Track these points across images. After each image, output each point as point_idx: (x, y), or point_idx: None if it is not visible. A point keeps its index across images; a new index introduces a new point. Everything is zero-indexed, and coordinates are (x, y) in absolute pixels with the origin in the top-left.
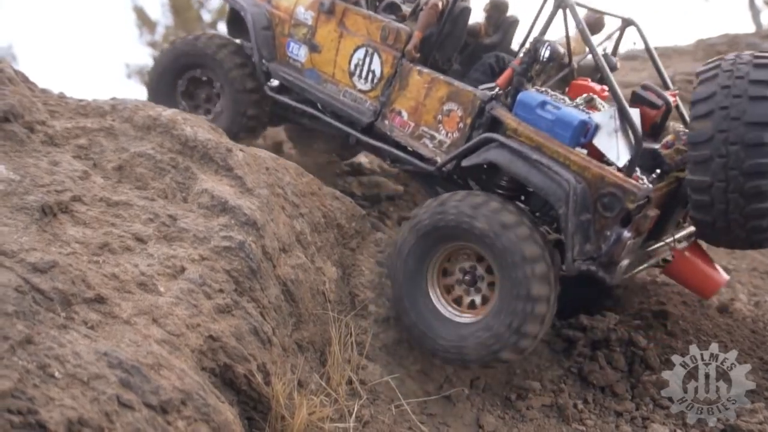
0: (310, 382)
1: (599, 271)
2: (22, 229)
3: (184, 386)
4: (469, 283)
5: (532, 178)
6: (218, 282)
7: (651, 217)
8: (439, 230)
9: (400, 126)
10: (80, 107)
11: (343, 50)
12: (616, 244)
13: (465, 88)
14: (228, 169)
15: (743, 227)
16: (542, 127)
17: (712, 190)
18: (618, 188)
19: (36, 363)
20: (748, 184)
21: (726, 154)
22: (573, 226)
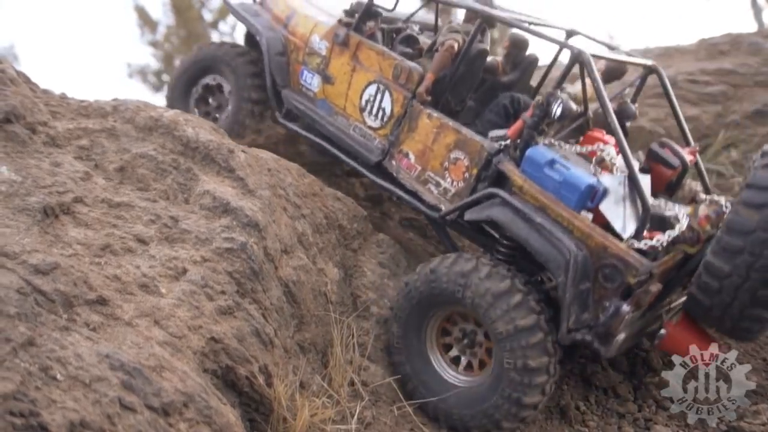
0: (311, 383)
1: (594, 343)
2: (24, 230)
3: (186, 388)
4: (468, 345)
5: (532, 242)
6: (220, 283)
7: (653, 292)
8: (433, 297)
9: (407, 168)
10: (82, 108)
11: (356, 84)
12: (614, 317)
13: (473, 138)
14: (230, 170)
15: (734, 322)
16: (549, 187)
17: (726, 281)
18: (620, 261)
19: (38, 365)
20: (762, 291)
21: (758, 254)
22: (570, 297)
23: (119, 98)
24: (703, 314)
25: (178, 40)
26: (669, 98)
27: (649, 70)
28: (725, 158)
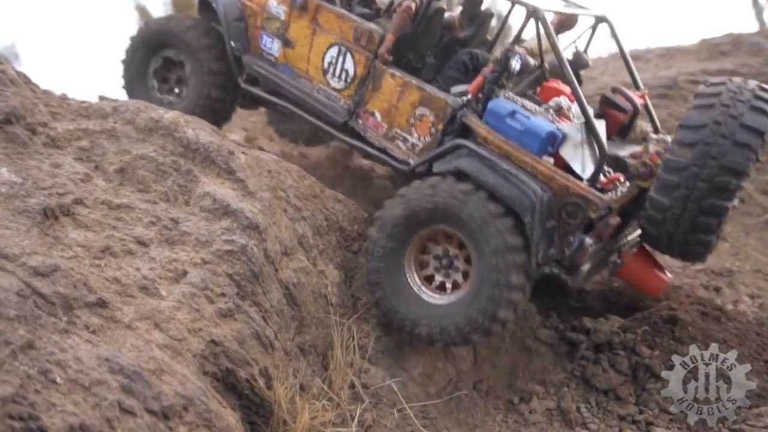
0: (312, 386)
1: (562, 274)
2: (24, 232)
3: (186, 392)
4: (446, 266)
5: (500, 188)
6: (220, 286)
7: (612, 225)
8: (427, 211)
9: (374, 127)
10: (82, 109)
11: (317, 47)
12: (578, 250)
13: (437, 95)
14: (230, 171)
15: (681, 246)
16: (511, 136)
17: (667, 213)
18: (581, 198)
19: (37, 368)
20: (719, 177)
21: (712, 143)
22: (538, 235)
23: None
24: (654, 243)
25: None
26: (620, 47)
27: (599, 20)
28: None
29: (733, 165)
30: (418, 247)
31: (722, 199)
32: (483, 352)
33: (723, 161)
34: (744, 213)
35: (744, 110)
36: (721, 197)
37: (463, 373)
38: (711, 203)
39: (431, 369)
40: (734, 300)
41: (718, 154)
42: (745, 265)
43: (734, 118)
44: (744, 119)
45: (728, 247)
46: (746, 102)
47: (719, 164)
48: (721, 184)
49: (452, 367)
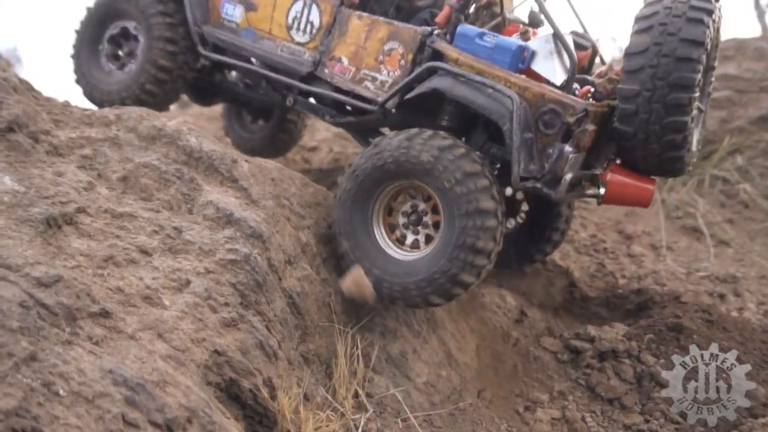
0: (316, 395)
1: (544, 189)
2: (27, 241)
3: (190, 403)
4: (414, 222)
5: (475, 99)
6: (224, 295)
7: (589, 131)
8: (400, 164)
9: (341, 72)
10: (84, 116)
11: (281, 5)
12: (558, 160)
13: (405, 26)
14: (233, 180)
15: (659, 141)
16: (482, 56)
17: (638, 99)
18: (557, 104)
19: (40, 380)
20: (670, 95)
21: (657, 65)
22: (518, 141)
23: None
24: (631, 146)
25: None
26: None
27: None
28: (730, 164)
29: (680, 81)
30: (388, 200)
31: (680, 114)
32: (487, 360)
33: (670, 80)
34: (748, 218)
35: (681, 24)
36: (678, 113)
37: (468, 382)
38: (671, 121)
39: (435, 377)
40: (739, 307)
41: (664, 74)
42: (750, 271)
43: (672, 35)
44: (682, 33)
45: (732, 253)
46: (682, 16)
47: (667, 83)
48: (674, 101)
49: (456, 375)
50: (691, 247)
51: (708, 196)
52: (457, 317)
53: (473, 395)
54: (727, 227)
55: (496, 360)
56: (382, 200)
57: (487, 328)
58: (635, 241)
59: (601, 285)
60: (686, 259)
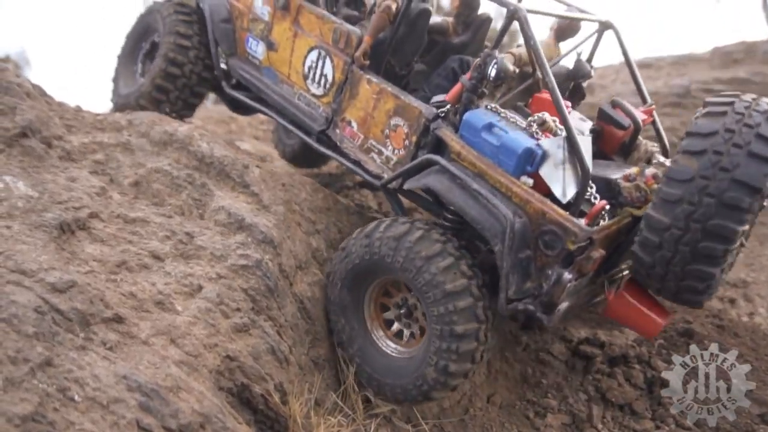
0: (326, 400)
1: (537, 312)
2: (41, 247)
3: (203, 409)
4: (406, 315)
5: (468, 210)
6: (235, 301)
7: (594, 259)
8: (366, 263)
9: (350, 137)
10: (97, 122)
11: (298, 50)
12: (556, 285)
13: (411, 104)
14: (244, 185)
15: (678, 282)
16: (487, 153)
17: (665, 234)
18: (559, 227)
19: (56, 386)
20: (703, 243)
21: (697, 203)
22: (508, 265)
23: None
24: (647, 275)
25: None
26: (626, 57)
27: (604, 26)
28: None
29: (720, 231)
30: (376, 298)
31: (708, 265)
32: (497, 366)
33: (708, 225)
34: (759, 223)
35: (741, 159)
36: (707, 264)
37: (478, 387)
38: (696, 269)
39: None
40: (749, 312)
41: (703, 217)
42: (761, 276)
43: (726, 171)
44: (738, 173)
45: (743, 258)
46: (745, 147)
47: (704, 228)
48: (706, 250)
49: (467, 381)
50: None
51: None
52: None
53: (483, 401)
54: None
55: (506, 365)
56: (371, 299)
57: (496, 333)
58: None
59: None
60: None
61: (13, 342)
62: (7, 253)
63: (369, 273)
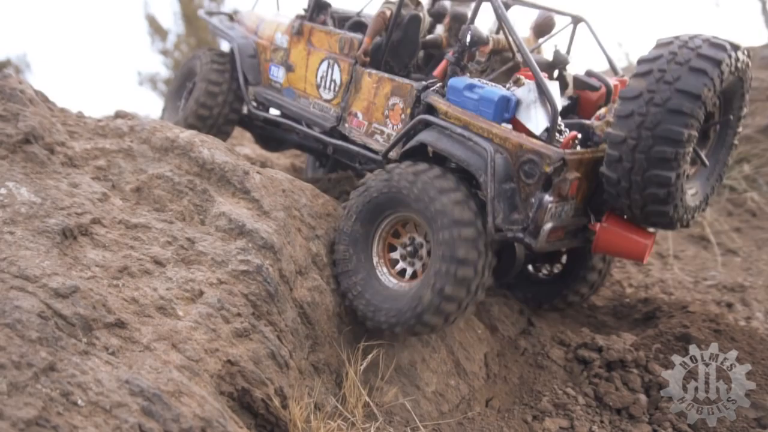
0: (326, 404)
1: (525, 238)
2: (44, 252)
3: (205, 413)
4: (410, 254)
5: (455, 152)
6: (236, 306)
7: (570, 180)
8: (384, 196)
9: (357, 126)
10: (99, 128)
11: (311, 66)
12: (539, 209)
13: (404, 81)
14: (245, 191)
15: (641, 192)
16: (469, 108)
17: (623, 146)
18: (534, 153)
19: (59, 390)
20: (655, 147)
21: (646, 113)
22: (493, 192)
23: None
24: (616, 193)
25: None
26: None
27: (576, 20)
28: (738, 173)
29: (667, 134)
30: (385, 235)
31: (663, 168)
32: (495, 370)
33: (657, 131)
34: (755, 227)
35: (681, 73)
36: (661, 167)
37: (476, 391)
38: (653, 174)
39: (444, 387)
40: (747, 316)
41: (652, 124)
42: (758, 280)
43: (668, 83)
44: (679, 83)
45: (740, 262)
46: (685, 64)
47: (653, 134)
48: (659, 154)
49: (465, 384)
50: (699, 256)
51: (715, 205)
52: (466, 327)
53: (482, 404)
54: (734, 236)
55: (505, 369)
56: (380, 235)
57: (494, 337)
58: None
59: (608, 294)
60: (693, 268)
61: (17, 347)
62: (11, 258)
63: (384, 207)
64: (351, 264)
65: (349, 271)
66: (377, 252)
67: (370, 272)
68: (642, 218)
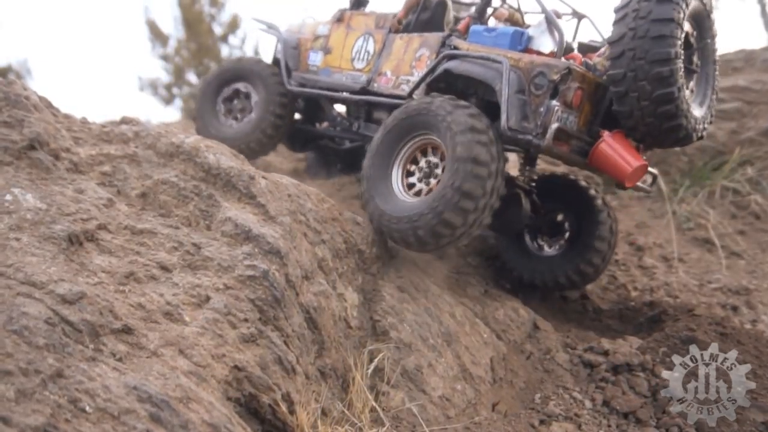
0: (333, 409)
1: (534, 140)
2: (50, 259)
3: (213, 419)
4: (426, 175)
5: (475, 71)
6: (243, 311)
7: (574, 88)
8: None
9: (385, 83)
10: (103, 133)
11: (348, 44)
12: (547, 114)
13: (432, 34)
14: (251, 196)
15: (654, 114)
16: (488, 44)
17: (625, 81)
18: (544, 66)
19: (67, 397)
20: (651, 71)
21: (634, 47)
22: (507, 96)
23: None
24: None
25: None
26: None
27: (580, 16)
28: (741, 176)
29: (658, 56)
30: (405, 162)
31: (665, 86)
32: (501, 374)
33: (648, 57)
34: (759, 230)
35: (651, 7)
36: (663, 86)
37: (482, 395)
38: (658, 94)
39: (450, 391)
40: (752, 319)
41: (642, 54)
42: (763, 283)
43: (644, 18)
44: (652, 15)
45: (744, 265)
46: None
47: (647, 61)
48: (657, 75)
49: (471, 389)
50: (703, 259)
51: (719, 208)
52: (471, 331)
53: (488, 409)
54: (738, 239)
55: (511, 373)
56: (401, 156)
57: (500, 341)
58: (646, 253)
59: (613, 297)
60: (698, 271)
61: (25, 353)
62: (17, 265)
63: (417, 125)
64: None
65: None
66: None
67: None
68: (662, 139)
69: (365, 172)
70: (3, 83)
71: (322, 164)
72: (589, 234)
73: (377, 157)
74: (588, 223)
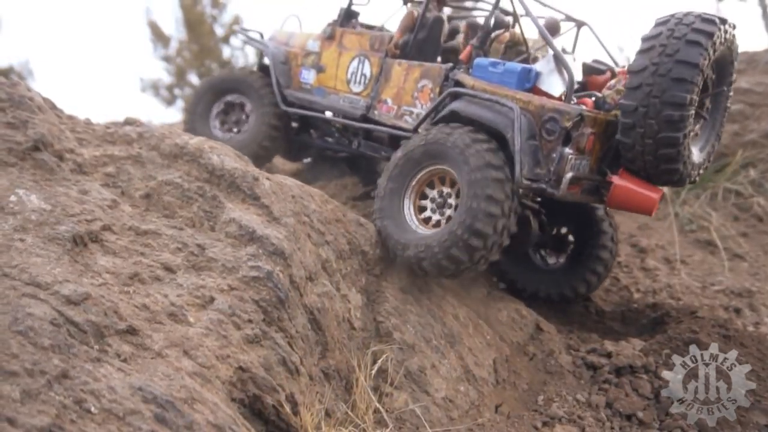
0: (336, 410)
1: (548, 189)
2: (55, 260)
3: (217, 420)
4: (440, 206)
5: (483, 115)
6: (247, 312)
7: (587, 134)
8: (420, 149)
9: (387, 112)
10: (107, 134)
11: (342, 64)
12: (560, 162)
13: (433, 65)
14: (255, 197)
15: (654, 154)
16: (494, 80)
17: (635, 114)
18: (555, 111)
19: (72, 398)
20: (663, 112)
21: (652, 83)
22: (519, 145)
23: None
24: (632, 157)
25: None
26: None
27: (580, 24)
28: (743, 178)
29: (673, 99)
30: (417, 189)
31: (672, 130)
32: (504, 375)
33: (663, 98)
34: (762, 232)
35: (680, 46)
36: (670, 129)
37: (485, 397)
38: (664, 136)
39: (454, 392)
40: (755, 321)
41: (659, 92)
42: (765, 285)
43: (669, 56)
44: (679, 55)
45: (747, 267)
46: (682, 38)
47: (661, 101)
48: (667, 117)
49: (474, 390)
50: (706, 261)
51: (721, 210)
52: (474, 332)
53: (491, 410)
54: (741, 241)
55: (514, 375)
56: (413, 187)
57: (504, 343)
58: (649, 255)
59: (616, 299)
60: (701, 273)
61: (30, 354)
62: (22, 266)
63: (433, 155)
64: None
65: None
66: (409, 197)
67: (400, 211)
68: (656, 177)
69: (380, 191)
70: (7, 84)
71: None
72: (592, 245)
73: (392, 180)
74: (590, 234)
